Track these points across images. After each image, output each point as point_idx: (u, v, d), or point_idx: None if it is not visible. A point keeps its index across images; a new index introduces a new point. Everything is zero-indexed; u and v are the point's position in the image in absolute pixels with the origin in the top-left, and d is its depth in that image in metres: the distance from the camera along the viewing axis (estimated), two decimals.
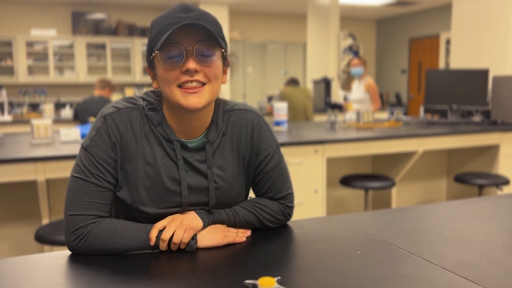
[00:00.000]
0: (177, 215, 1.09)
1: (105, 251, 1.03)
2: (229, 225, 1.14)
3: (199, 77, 1.02)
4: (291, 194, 1.24)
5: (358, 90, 5.25)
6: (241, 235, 1.13)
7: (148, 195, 1.08)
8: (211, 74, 1.04)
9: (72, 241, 1.03)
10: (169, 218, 1.08)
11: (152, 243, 1.03)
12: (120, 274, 0.93)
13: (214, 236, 1.08)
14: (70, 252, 1.05)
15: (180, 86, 1.03)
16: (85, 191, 1.04)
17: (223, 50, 1.06)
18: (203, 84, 1.03)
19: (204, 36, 1.02)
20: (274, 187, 1.21)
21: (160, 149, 1.09)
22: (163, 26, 1.02)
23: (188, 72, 1.01)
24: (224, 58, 1.10)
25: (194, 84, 1.02)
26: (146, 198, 1.08)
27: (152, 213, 1.09)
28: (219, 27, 1.07)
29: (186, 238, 1.04)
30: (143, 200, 1.08)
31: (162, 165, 1.08)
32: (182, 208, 1.10)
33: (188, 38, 1.01)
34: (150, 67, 1.09)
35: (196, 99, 1.02)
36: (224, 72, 1.12)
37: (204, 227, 1.09)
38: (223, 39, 1.07)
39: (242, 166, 1.18)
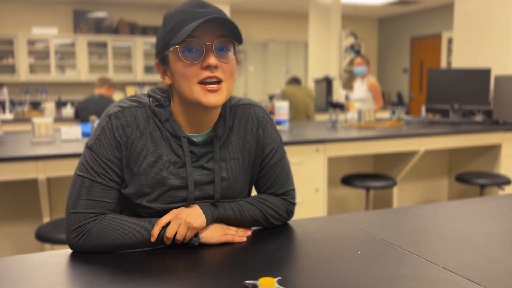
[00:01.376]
0: (181, 210, 1.08)
1: (107, 247, 1.03)
2: (234, 220, 1.14)
3: (219, 73, 1.02)
4: (294, 190, 1.24)
5: (360, 89, 5.23)
6: (241, 234, 1.12)
7: (153, 192, 1.08)
8: (228, 71, 1.04)
9: (73, 239, 1.03)
10: (173, 213, 1.07)
11: (154, 239, 1.03)
12: (120, 273, 0.93)
13: (214, 233, 1.09)
14: (71, 251, 1.05)
15: (200, 82, 1.02)
16: (89, 189, 1.04)
17: (239, 44, 1.05)
18: (220, 81, 1.03)
19: (222, 31, 1.02)
20: (278, 182, 1.21)
21: (166, 146, 1.09)
22: (180, 20, 1.01)
23: (208, 67, 1.01)
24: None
25: (214, 80, 1.02)
26: (151, 195, 1.08)
27: (156, 208, 1.09)
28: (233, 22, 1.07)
29: (189, 236, 1.06)
30: (147, 197, 1.08)
31: (167, 162, 1.08)
32: (187, 203, 1.10)
33: (207, 34, 1.01)
34: (162, 62, 1.08)
35: (216, 97, 1.02)
36: None
37: (208, 223, 1.08)
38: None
39: (247, 161, 1.18)
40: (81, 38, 7.62)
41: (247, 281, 0.86)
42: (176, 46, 1.01)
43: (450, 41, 8.31)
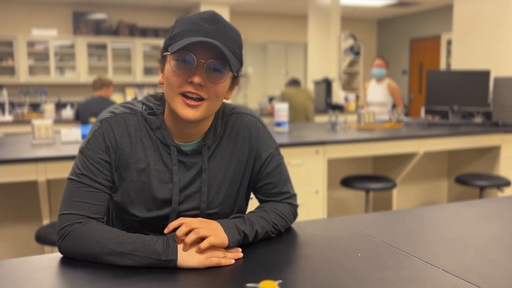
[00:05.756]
0: (210, 229, 1.01)
1: (83, 254, 0.99)
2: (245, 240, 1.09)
3: (202, 92, 1.01)
4: (295, 195, 1.24)
5: (380, 93, 5.11)
6: (230, 256, 1.01)
7: (138, 199, 1.09)
8: (213, 92, 1.02)
9: (58, 240, 1.03)
10: (203, 223, 1.02)
11: (167, 231, 1.01)
12: (120, 277, 0.93)
13: (195, 255, 0.98)
14: None
15: (182, 94, 1.02)
16: (76, 191, 1.05)
17: (234, 73, 1.04)
18: (203, 99, 1.02)
19: (219, 53, 1.00)
20: (279, 188, 1.20)
21: (156, 154, 1.09)
22: (184, 29, 1.01)
23: (192, 84, 1.00)
24: (235, 77, 1.09)
25: (195, 97, 1.01)
26: (137, 202, 1.09)
27: (141, 216, 1.09)
28: (238, 46, 1.05)
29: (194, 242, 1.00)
30: (134, 204, 1.09)
31: (155, 171, 1.09)
32: (171, 213, 1.10)
33: (203, 51, 1.00)
34: (162, 60, 1.07)
35: (192, 112, 1.02)
36: (231, 89, 1.11)
37: (230, 245, 1.03)
38: (239, 59, 1.06)
39: (238, 171, 1.17)
40: (80, 39, 7.62)
41: (248, 284, 0.86)
42: (171, 53, 1.01)
43: (449, 42, 8.32)
